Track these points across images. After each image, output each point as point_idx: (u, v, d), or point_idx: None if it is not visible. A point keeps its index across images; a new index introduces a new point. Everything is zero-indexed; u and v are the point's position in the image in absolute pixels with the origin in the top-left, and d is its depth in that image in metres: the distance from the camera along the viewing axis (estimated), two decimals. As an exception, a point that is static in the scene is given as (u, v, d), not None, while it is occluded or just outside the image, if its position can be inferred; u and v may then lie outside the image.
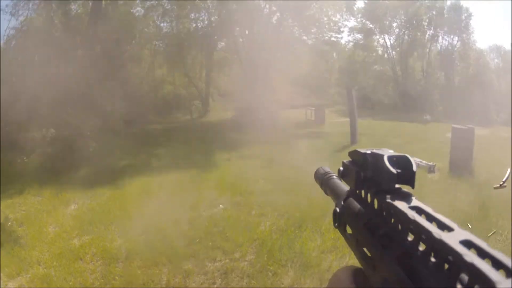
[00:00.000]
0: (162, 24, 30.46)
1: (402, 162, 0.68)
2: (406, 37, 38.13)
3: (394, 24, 38.87)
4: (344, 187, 0.90)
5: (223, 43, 31.99)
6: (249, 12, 26.89)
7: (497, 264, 0.44)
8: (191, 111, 26.44)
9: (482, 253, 0.46)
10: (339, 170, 0.85)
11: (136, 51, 27.38)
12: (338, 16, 30.98)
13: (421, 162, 12.44)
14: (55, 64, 17.76)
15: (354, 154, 0.80)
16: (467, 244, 0.48)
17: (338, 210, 0.83)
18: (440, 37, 38.82)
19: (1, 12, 20.85)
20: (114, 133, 17.70)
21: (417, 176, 0.66)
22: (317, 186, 1.06)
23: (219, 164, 14.44)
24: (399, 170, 0.66)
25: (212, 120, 26.94)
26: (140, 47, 27.98)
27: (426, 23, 38.25)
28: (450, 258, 0.48)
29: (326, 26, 29.94)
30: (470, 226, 7.27)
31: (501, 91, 35.35)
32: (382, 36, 39.16)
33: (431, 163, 12.44)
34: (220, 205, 9.64)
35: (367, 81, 34.61)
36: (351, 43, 39.31)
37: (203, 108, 29.59)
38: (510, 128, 21.03)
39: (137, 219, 8.61)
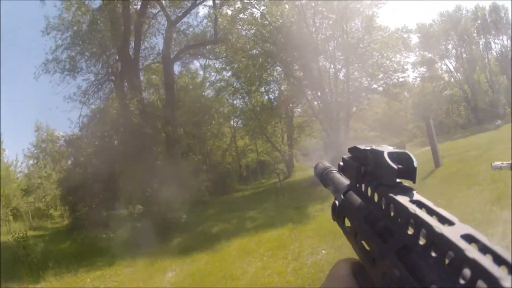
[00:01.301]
0: (235, 102, 31.55)
1: (402, 158, 0.66)
2: (464, 55, 38.75)
3: (449, 46, 39.78)
4: (344, 181, 0.87)
5: (299, 109, 32.75)
6: (316, 76, 27.23)
7: (498, 260, 0.44)
8: (277, 173, 26.34)
9: (483, 248, 0.46)
10: (339, 164, 0.84)
11: (217, 128, 28.20)
12: (399, 57, 30.73)
13: (502, 164, 11.79)
14: (136, 146, 18.63)
15: (354, 150, 0.79)
16: (468, 238, 0.48)
17: (337, 203, 0.82)
18: (492, 43, 39.37)
19: (71, 100, 22.60)
20: (202, 204, 17.88)
21: (502, 175, 0.54)
22: None
23: (313, 215, 13.98)
24: (400, 166, 0.64)
25: (298, 179, 26.80)
26: (219, 125, 28.85)
27: (475, 34, 39.08)
28: (451, 253, 0.47)
29: (391, 69, 29.61)
30: None
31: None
32: (443, 61, 40.04)
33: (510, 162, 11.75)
34: (323, 251, 9.14)
35: (440, 108, 34.75)
36: (418, 78, 40.16)
37: (287, 170, 29.52)
38: None
39: (240, 278, 8.28)
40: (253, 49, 28.24)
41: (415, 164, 0.64)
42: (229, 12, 27.70)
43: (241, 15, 27.78)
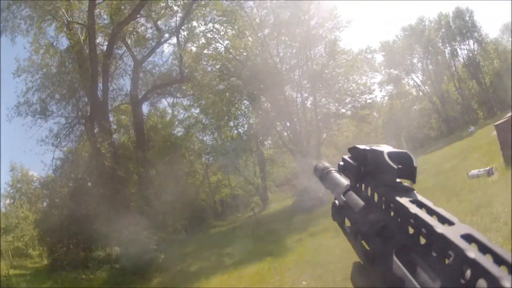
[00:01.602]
0: (205, 138, 31.83)
1: (402, 158, 0.66)
2: (430, 66, 39.59)
3: (415, 60, 40.76)
4: (344, 181, 0.87)
5: (269, 141, 32.99)
6: (283, 106, 27.70)
7: (498, 260, 0.43)
8: (252, 208, 26.31)
9: (483, 248, 0.46)
10: (339, 164, 0.83)
11: (189, 166, 28.21)
12: (364, 78, 31.48)
13: (478, 171, 11.98)
14: (110, 188, 18.79)
15: (353, 150, 0.78)
16: (468, 238, 0.47)
17: (337, 203, 0.81)
18: (458, 49, 40.22)
19: (44, 143, 22.84)
20: (179, 243, 17.81)
21: (480, 183, 0.51)
22: None
23: (292, 246, 14.02)
24: (400, 166, 0.64)
25: (273, 211, 26.72)
26: (191, 163, 28.79)
27: (440, 44, 39.77)
28: (451, 253, 0.47)
29: (358, 92, 30.26)
30: None
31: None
32: (410, 76, 40.84)
33: (488, 168, 11.92)
34: (304, 282, 9.19)
35: (411, 123, 35.22)
36: (386, 97, 41.00)
37: (262, 202, 29.50)
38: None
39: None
40: (220, 85, 28.56)
41: (415, 164, 0.66)
42: (194, 49, 28.15)
43: (205, 51, 28.33)
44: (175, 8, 25.75)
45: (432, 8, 66.56)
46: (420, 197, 0.60)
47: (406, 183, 0.66)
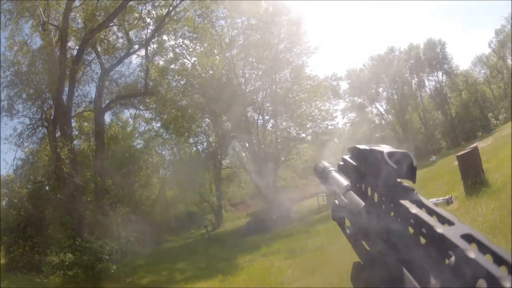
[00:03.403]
0: (164, 152, 31.91)
1: (402, 158, 0.67)
2: (395, 96, 39.59)
3: (380, 89, 40.86)
4: (344, 181, 0.90)
5: (227, 160, 32.85)
6: (244, 127, 27.87)
7: (498, 260, 0.43)
8: (205, 226, 26.34)
9: (483, 248, 0.46)
10: (339, 164, 0.88)
11: (146, 179, 28.00)
12: (328, 105, 32.00)
13: (437, 200, 12.19)
14: (66, 194, 18.56)
15: (353, 150, 0.81)
16: (468, 238, 0.47)
17: (337, 203, 0.84)
18: (426, 80, 40.73)
19: (7, 142, 22.31)
20: (132, 255, 17.75)
21: None
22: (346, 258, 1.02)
23: (243, 266, 14.20)
24: (399, 165, 0.65)
25: (227, 230, 26.84)
26: (148, 176, 28.61)
27: (408, 74, 40.01)
28: (451, 253, 0.47)
29: (320, 118, 30.72)
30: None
31: (496, 96, 37.43)
32: (374, 105, 40.91)
33: (447, 197, 12.27)
34: None
35: None
36: (348, 124, 41.21)
37: (217, 221, 29.38)
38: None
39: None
40: (183, 100, 28.40)
41: (415, 164, 0.66)
42: (161, 63, 27.95)
43: (172, 66, 28.08)
44: (148, 20, 25.77)
45: (404, 38, 67.63)
46: (420, 197, 0.62)
47: (406, 183, 0.68)
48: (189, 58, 28.59)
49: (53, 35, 22.44)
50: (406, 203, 0.59)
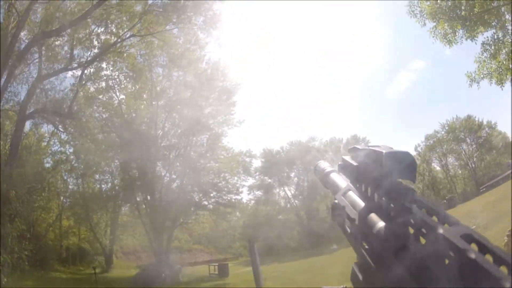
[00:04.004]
0: (69, 180, 30.60)
1: (402, 158, 0.68)
2: (306, 183, 40.23)
3: (292, 174, 41.74)
4: (344, 181, 0.90)
5: (127, 208, 32.20)
6: (150, 180, 27.80)
7: (498, 260, 0.45)
8: (93, 267, 24.90)
9: (483, 248, 0.48)
10: (339, 165, 0.91)
11: (46, 201, 26.57)
12: (236, 179, 32.68)
13: None
14: None
15: (353, 150, 0.83)
16: (468, 238, 0.49)
17: (337, 203, 0.84)
18: None
19: None
20: (21, 273, 16.54)
21: None
22: None
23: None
24: (399, 165, 0.67)
25: (116, 276, 25.76)
26: (49, 199, 27.00)
27: None
28: (451, 253, 0.48)
29: (225, 190, 31.24)
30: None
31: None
32: (282, 188, 41.63)
33: (341, 286, 12.68)
34: None
35: (272, 231, 35.26)
36: (253, 201, 41.17)
37: (106, 264, 28.14)
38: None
39: None
40: (100, 134, 28.03)
41: (414, 164, 0.67)
42: (92, 89, 27.64)
43: (101, 96, 27.97)
44: (95, 43, 25.73)
45: (329, 130, 71.14)
46: (420, 197, 0.62)
47: (406, 183, 0.68)
48: (118, 94, 28.63)
49: (13, 19, 21.58)
50: (406, 203, 0.61)
